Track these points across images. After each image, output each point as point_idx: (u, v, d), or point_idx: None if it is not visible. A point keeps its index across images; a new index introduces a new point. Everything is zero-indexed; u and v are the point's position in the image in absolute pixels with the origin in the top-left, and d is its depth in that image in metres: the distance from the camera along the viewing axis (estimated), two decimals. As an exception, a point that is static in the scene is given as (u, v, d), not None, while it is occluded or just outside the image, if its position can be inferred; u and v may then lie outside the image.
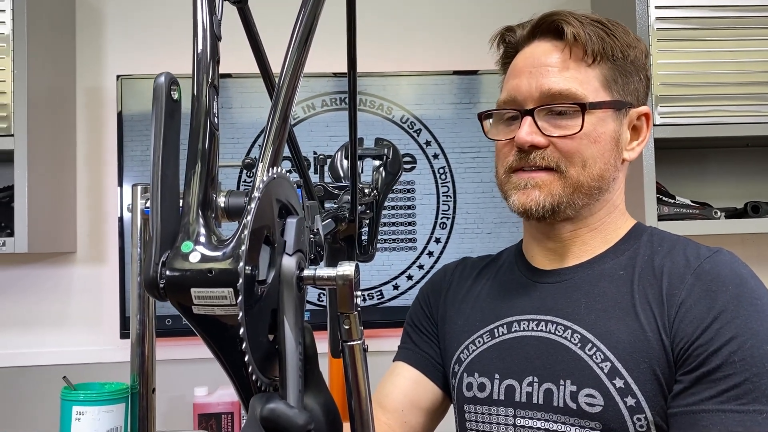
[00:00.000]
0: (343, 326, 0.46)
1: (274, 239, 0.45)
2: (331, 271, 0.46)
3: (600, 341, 0.78)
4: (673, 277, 0.79)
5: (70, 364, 1.89)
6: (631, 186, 1.76)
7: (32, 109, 1.71)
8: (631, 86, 0.86)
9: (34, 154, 1.72)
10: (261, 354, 0.44)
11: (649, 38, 1.73)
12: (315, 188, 0.95)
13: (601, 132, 0.82)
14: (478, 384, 0.87)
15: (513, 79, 0.87)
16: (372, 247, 1.13)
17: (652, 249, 0.84)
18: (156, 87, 0.47)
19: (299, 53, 0.55)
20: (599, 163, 0.83)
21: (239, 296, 0.40)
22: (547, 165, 0.82)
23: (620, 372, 0.76)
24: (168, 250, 0.43)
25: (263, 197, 0.44)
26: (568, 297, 0.84)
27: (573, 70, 0.83)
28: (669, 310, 0.77)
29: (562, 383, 0.79)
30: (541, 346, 0.83)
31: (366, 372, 0.46)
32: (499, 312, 0.89)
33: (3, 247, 1.69)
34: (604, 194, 0.85)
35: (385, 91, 1.97)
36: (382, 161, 1.12)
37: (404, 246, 1.96)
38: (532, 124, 0.82)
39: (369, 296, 1.94)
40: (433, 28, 2.06)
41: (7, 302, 1.95)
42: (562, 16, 0.84)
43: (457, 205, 1.98)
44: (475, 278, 0.98)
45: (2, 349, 1.94)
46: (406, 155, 1.97)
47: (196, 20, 0.50)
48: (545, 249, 0.90)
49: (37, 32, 1.76)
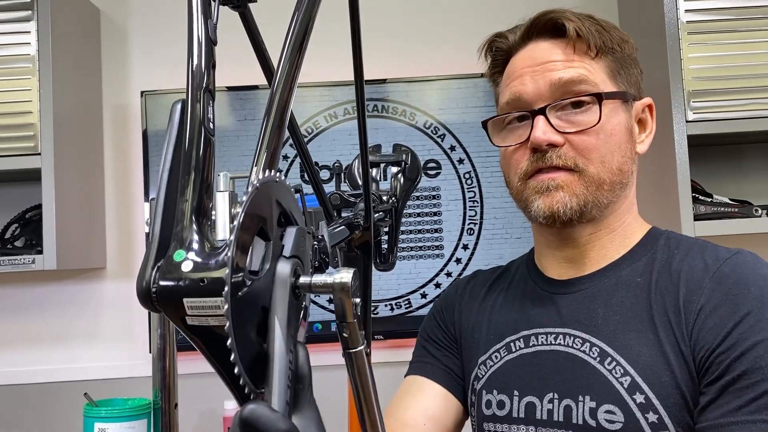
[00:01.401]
0: (343, 335, 0.44)
1: (270, 235, 0.43)
2: (327, 278, 0.44)
3: (619, 355, 0.75)
4: (691, 283, 0.75)
5: (101, 379, 1.91)
6: (665, 185, 1.70)
7: (58, 127, 1.74)
8: (633, 78, 0.84)
9: (61, 171, 1.74)
10: (254, 364, 0.42)
11: (679, 32, 1.67)
12: (331, 196, 0.93)
13: (615, 124, 0.80)
14: (497, 401, 0.84)
15: (514, 81, 0.83)
16: (392, 255, 1.10)
17: (669, 253, 0.80)
18: (172, 111, 0.47)
19: (294, 55, 0.53)
20: (617, 157, 0.80)
21: (226, 304, 0.38)
22: (564, 164, 0.78)
23: (641, 387, 0.72)
24: (162, 259, 0.42)
25: (258, 194, 0.42)
26: (585, 308, 0.81)
27: (578, 62, 0.80)
28: (687, 318, 0.73)
29: (581, 399, 0.76)
30: (560, 361, 0.79)
31: (372, 378, 0.44)
32: (515, 325, 0.86)
33: (33, 265, 1.71)
34: (625, 189, 0.82)
35: (408, 97, 1.94)
36: (400, 167, 1.09)
37: (431, 254, 1.92)
38: (546, 123, 0.78)
39: (397, 305, 1.91)
40: (454, 31, 2.03)
41: (38, 319, 1.98)
42: (560, 13, 0.82)
43: (485, 210, 1.93)
44: (487, 291, 0.95)
45: (34, 366, 1.96)
46: (431, 161, 1.94)
47: (191, 24, 0.49)
48: (560, 257, 0.86)
49: (62, 51, 1.78)
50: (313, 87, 1.93)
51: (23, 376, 1.95)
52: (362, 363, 0.44)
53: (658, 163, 1.75)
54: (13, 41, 1.73)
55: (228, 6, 0.61)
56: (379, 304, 1.91)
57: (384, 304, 1.91)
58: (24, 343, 1.99)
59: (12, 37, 1.73)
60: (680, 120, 1.66)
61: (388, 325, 1.89)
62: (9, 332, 1.99)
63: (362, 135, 0.83)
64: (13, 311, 2.00)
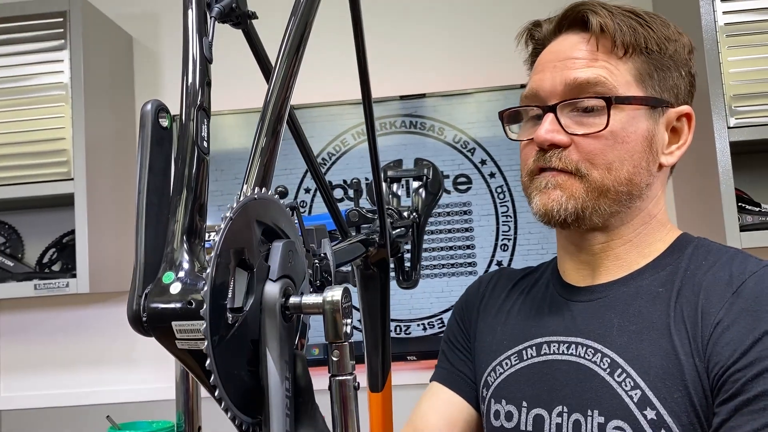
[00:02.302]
0: (332, 357, 0.41)
1: (252, 263, 0.41)
2: (317, 298, 0.42)
3: (630, 366, 0.71)
4: (712, 294, 0.70)
5: (131, 402, 1.91)
6: (708, 195, 1.63)
7: (91, 153, 1.77)
8: (670, 82, 0.78)
9: (93, 196, 1.76)
10: (242, 391, 0.40)
11: (717, 35, 1.60)
12: (350, 213, 0.91)
13: (631, 131, 0.74)
14: (505, 412, 0.81)
15: (536, 75, 0.80)
16: (415, 273, 1.07)
17: (696, 263, 0.75)
18: (143, 114, 0.46)
19: (289, 64, 0.52)
20: (627, 166, 0.75)
21: (204, 323, 0.37)
22: (564, 167, 0.75)
23: (651, 401, 0.68)
24: (151, 282, 0.41)
25: (236, 219, 0.41)
26: (600, 317, 0.77)
27: (602, 62, 0.76)
28: (703, 330, 0.68)
29: (590, 414, 0.72)
30: (571, 372, 0.76)
31: (356, 413, 0.41)
32: (529, 332, 0.83)
33: (67, 288, 1.73)
34: (636, 201, 0.77)
35: (436, 112, 1.91)
36: (422, 182, 1.06)
37: (463, 271, 1.87)
38: (553, 121, 0.75)
39: (429, 325, 1.87)
40: (481, 44, 2.00)
41: (73, 342, 2.00)
42: (589, 5, 0.78)
43: (519, 225, 1.88)
44: (509, 291, 0.91)
45: (71, 389, 1.98)
46: (461, 176, 1.90)
47: (186, 42, 0.49)
48: (578, 262, 0.83)
49: (95, 78, 1.82)
50: (340, 105, 1.92)
51: (47, 400, 1.97)
52: (346, 394, 0.41)
53: (700, 173, 1.68)
54: (47, 70, 1.78)
55: (228, 24, 0.60)
56: (412, 323, 1.87)
57: (416, 323, 1.87)
58: (55, 366, 2.01)
59: (45, 66, 1.78)
60: (721, 126, 1.59)
61: (420, 346, 1.85)
62: (43, 355, 2.02)
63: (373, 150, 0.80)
64: (50, 334, 2.03)
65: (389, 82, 1.96)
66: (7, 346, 2.04)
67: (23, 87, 1.77)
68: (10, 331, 2.04)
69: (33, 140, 1.76)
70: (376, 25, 1.99)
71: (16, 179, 1.76)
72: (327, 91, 1.93)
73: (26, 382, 2.02)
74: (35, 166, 1.76)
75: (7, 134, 1.76)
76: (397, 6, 2.03)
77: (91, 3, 1.86)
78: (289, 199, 1.93)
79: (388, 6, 2.02)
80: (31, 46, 1.78)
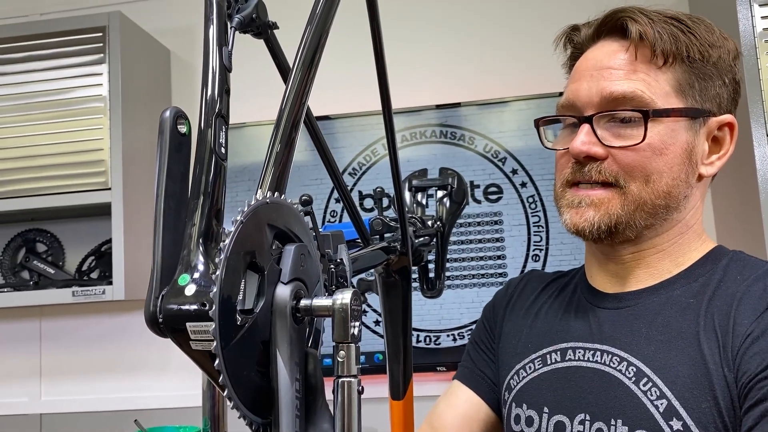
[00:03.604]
0: (338, 358, 0.41)
1: (263, 266, 0.42)
2: (327, 301, 0.42)
3: (657, 375, 0.69)
4: (746, 306, 0.68)
5: (169, 407, 1.94)
6: (747, 207, 1.58)
7: (128, 163, 1.81)
8: (712, 91, 0.75)
9: (130, 206, 1.81)
10: (253, 391, 0.41)
11: (755, 41, 1.56)
12: (374, 221, 0.91)
13: (670, 143, 0.73)
14: (525, 417, 0.80)
15: (573, 83, 0.79)
16: (440, 282, 1.06)
17: (730, 275, 0.73)
18: (162, 121, 0.47)
19: (304, 73, 0.52)
20: (665, 179, 0.73)
21: (213, 323, 0.38)
22: (604, 180, 0.73)
23: (678, 412, 0.67)
24: (168, 285, 0.42)
25: (248, 222, 0.42)
26: (628, 325, 0.75)
27: (641, 73, 0.74)
28: (734, 341, 0.66)
29: (613, 423, 0.71)
30: (595, 379, 0.75)
31: (359, 416, 0.41)
32: (554, 336, 0.82)
33: (103, 295, 1.78)
34: (673, 213, 0.76)
35: (467, 121, 1.91)
36: (446, 191, 1.06)
37: (494, 281, 1.86)
38: (589, 133, 0.74)
39: (459, 335, 1.85)
40: (516, 54, 1.99)
41: (109, 348, 2.05)
42: (628, 12, 0.75)
43: (551, 235, 1.86)
44: (539, 293, 0.90)
45: (106, 393, 2.02)
46: (491, 185, 1.89)
47: (206, 52, 0.50)
48: (606, 271, 0.81)
49: (132, 91, 1.87)
50: (370, 116, 1.93)
51: (84, 404, 2.02)
52: (350, 395, 0.41)
53: (739, 182, 1.64)
54: (86, 83, 1.84)
55: (250, 34, 0.61)
56: (441, 334, 1.86)
57: (446, 334, 1.86)
58: (93, 371, 2.06)
59: (85, 80, 1.84)
60: (761, 134, 1.54)
61: (450, 356, 1.83)
62: (80, 360, 2.07)
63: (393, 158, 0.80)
64: (88, 341, 2.08)
65: (426, 91, 1.97)
66: (48, 351, 2.09)
67: (63, 100, 1.83)
68: (51, 337, 2.10)
69: (72, 151, 1.82)
70: (414, 33, 2.01)
71: (57, 189, 1.82)
72: (358, 101, 1.94)
73: (65, 387, 2.07)
74: (75, 176, 1.82)
75: (48, 145, 1.83)
76: (434, 16, 2.04)
77: (129, 18, 1.91)
78: (317, 208, 1.94)
79: (426, 16, 2.03)
80: (71, 60, 1.84)
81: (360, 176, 1.95)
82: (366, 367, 1.87)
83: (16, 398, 2.07)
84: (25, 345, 2.09)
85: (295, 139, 0.51)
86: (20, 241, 2.08)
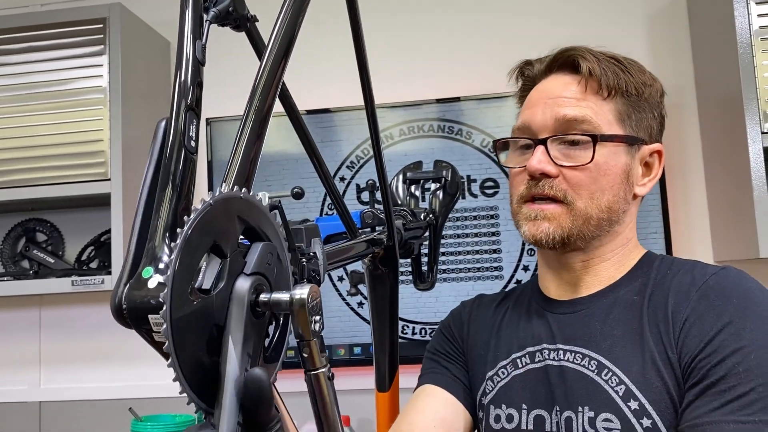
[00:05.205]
0: (303, 354, 0.42)
1: (227, 253, 0.42)
2: (285, 295, 0.42)
3: (615, 365, 0.79)
4: (679, 295, 0.79)
5: (167, 397, 1.96)
6: (740, 204, 1.58)
7: (127, 154, 1.83)
8: (645, 123, 0.87)
9: (129, 196, 1.82)
10: (204, 378, 0.40)
11: (751, 39, 1.56)
12: (365, 214, 0.92)
13: (612, 165, 0.84)
14: (506, 415, 0.87)
15: (528, 109, 0.89)
16: (432, 275, 1.07)
17: (662, 273, 0.85)
18: (157, 129, 0.48)
19: (273, 68, 0.53)
20: (607, 195, 0.84)
21: (165, 323, 0.37)
22: (554, 195, 0.83)
23: (634, 394, 0.77)
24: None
25: (216, 206, 0.41)
26: (585, 326, 0.85)
27: (590, 102, 0.85)
28: (674, 328, 0.77)
29: (581, 410, 0.80)
30: (564, 375, 0.83)
31: (335, 400, 0.42)
32: (521, 342, 0.90)
33: (102, 285, 1.80)
34: (615, 226, 0.86)
35: (464, 115, 1.91)
36: (440, 183, 1.07)
37: (489, 275, 1.87)
38: (544, 153, 0.84)
39: (454, 328, 1.86)
40: (504, 47, 1.99)
41: (108, 337, 2.07)
42: (579, 51, 0.87)
43: (547, 231, 1.86)
44: (495, 309, 0.98)
45: (105, 382, 2.05)
46: (488, 180, 1.89)
47: (180, 45, 0.50)
48: (560, 279, 0.91)
49: (132, 82, 1.88)
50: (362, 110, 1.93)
51: (83, 393, 2.04)
52: (320, 386, 0.42)
53: (733, 178, 1.63)
54: (86, 74, 1.85)
55: (229, 27, 0.62)
56: (436, 327, 1.86)
57: (441, 327, 1.86)
58: (91, 359, 2.08)
59: (85, 71, 1.85)
60: (755, 132, 1.54)
61: (445, 349, 1.84)
62: (79, 349, 2.09)
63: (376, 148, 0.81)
64: (87, 330, 2.10)
65: (426, 86, 1.97)
66: (48, 340, 2.12)
67: (64, 91, 1.84)
68: (51, 326, 2.12)
69: (72, 142, 1.83)
70: (416, 27, 2.01)
71: (57, 179, 1.84)
72: (358, 94, 1.95)
73: (64, 375, 2.09)
74: (75, 166, 1.83)
75: (48, 136, 1.84)
76: (434, 11, 2.04)
77: (129, 9, 1.92)
78: (315, 201, 1.95)
79: (426, 11, 2.03)
80: (71, 51, 1.85)
81: (358, 169, 1.95)
82: (362, 358, 1.88)
83: (16, 386, 2.09)
84: (24, 333, 2.12)
85: (264, 132, 0.51)
86: (20, 231, 2.11)
